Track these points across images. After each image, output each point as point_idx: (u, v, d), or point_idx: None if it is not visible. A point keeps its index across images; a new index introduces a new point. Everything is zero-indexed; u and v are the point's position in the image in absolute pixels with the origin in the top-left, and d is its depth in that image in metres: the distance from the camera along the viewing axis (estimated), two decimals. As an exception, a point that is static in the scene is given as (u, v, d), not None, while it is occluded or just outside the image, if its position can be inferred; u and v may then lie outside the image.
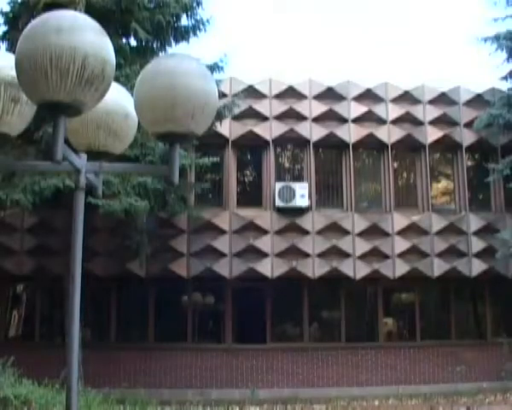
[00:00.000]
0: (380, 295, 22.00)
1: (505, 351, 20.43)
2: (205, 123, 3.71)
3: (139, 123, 3.94)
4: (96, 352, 18.59)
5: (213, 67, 18.29)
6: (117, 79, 4.09)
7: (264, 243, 20.43)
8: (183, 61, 3.64)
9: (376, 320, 21.97)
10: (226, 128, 20.46)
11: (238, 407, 17.70)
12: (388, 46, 49.35)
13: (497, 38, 22.24)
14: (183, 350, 20.38)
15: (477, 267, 21.33)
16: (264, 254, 20.35)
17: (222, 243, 20.29)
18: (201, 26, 18.86)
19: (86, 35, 3.05)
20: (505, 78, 22.65)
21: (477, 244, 21.47)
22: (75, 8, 14.15)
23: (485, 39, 22.27)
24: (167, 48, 18.80)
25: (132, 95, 3.73)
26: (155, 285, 20.56)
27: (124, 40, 18.05)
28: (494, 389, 19.72)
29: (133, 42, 18.40)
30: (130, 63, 16.28)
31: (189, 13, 18.70)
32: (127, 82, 12.87)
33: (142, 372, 19.62)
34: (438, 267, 21.16)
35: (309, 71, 43.49)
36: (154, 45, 18.63)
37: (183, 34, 18.83)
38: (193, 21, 18.89)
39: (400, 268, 20.93)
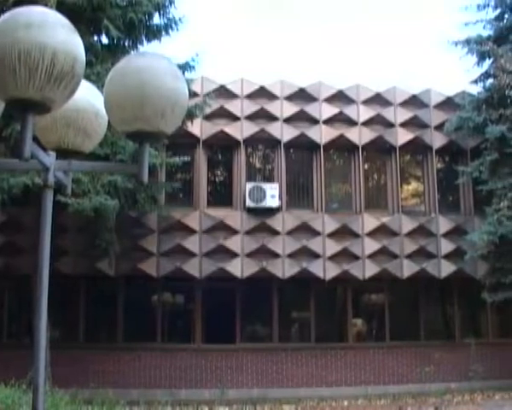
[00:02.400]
0: (349, 295, 22.08)
1: (473, 352, 20.60)
2: (175, 122, 3.68)
3: (109, 121, 3.90)
4: (64, 352, 18.44)
5: (185, 67, 18.23)
6: (88, 77, 4.06)
7: (234, 243, 20.41)
8: (153, 60, 3.61)
9: (346, 321, 22.04)
10: (197, 128, 20.41)
11: (207, 407, 17.65)
12: (360, 48, 49.55)
13: (467, 42, 22.49)
14: (152, 350, 20.30)
15: (446, 269, 21.49)
16: (234, 255, 20.33)
17: (192, 243, 20.24)
18: (174, 25, 18.77)
19: (56, 32, 3.00)
20: (475, 81, 22.89)
21: (446, 246, 21.64)
22: (46, 5, 14.03)
23: (456, 43, 22.51)
24: (139, 46, 18.67)
25: (103, 93, 3.70)
26: (124, 285, 20.49)
27: (95, 38, 17.92)
28: (462, 390, 19.92)
29: (105, 40, 18.24)
30: (101, 61, 16.19)
31: (161, 11, 18.61)
32: (98, 80, 12.80)
33: (111, 372, 19.50)
34: (407, 268, 21.29)
35: (281, 71, 43.56)
36: (126, 43, 18.51)
37: (155, 33, 18.73)
38: (165, 20, 18.80)
39: (370, 269, 21.03)
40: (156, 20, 18.79)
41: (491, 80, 22.40)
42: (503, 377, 20.97)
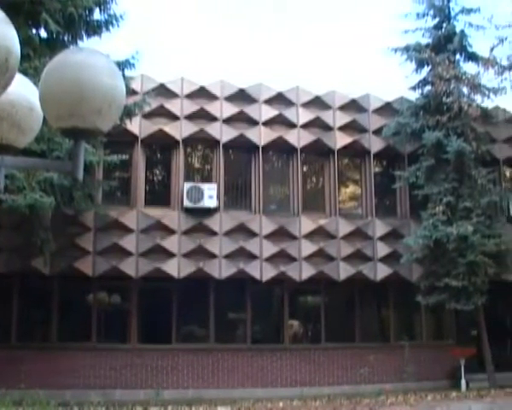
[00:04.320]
0: (286, 297, 22.15)
1: (407, 353, 20.89)
2: (111, 120, 3.63)
3: (45, 117, 3.82)
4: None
5: (125, 64, 18.07)
6: (25, 71, 3.98)
7: (171, 243, 20.30)
8: (91, 56, 3.55)
9: (282, 322, 22.12)
10: (136, 126, 20.22)
11: (142, 408, 17.54)
12: (301, 51, 49.82)
13: (406, 49, 22.90)
14: (86, 350, 20.03)
15: (382, 272, 21.75)
16: (171, 254, 20.22)
17: (128, 242, 20.06)
18: (114, 22, 18.55)
19: (-11, 23, 2.93)
20: (414, 88, 23.30)
21: (382, 249, 21.90)
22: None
23: (396, 50, 22.89)
24: (79, 41, 18.38)
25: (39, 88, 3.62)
26: (59, 283, 20.18)
27: (34, 31, 17.56)
28: (396, 391, 20.23)
29: (43, 33, 17.84)
30: (39, 55, 15.89)
31: (102, 7, 18.37)
32: (36, 74, 12.55)
33: (44, 373, 19.13)
34: (343, 271, 21.47)
35: (222, 72, 43.56)
36: (65, 38, 18.18)
37: (95, 28, 18.48)
38: (106, 16, 18.56)
39: (306, 271, 21.14)
40: (97, 15, 18.54)
41: (428, 87, 22.84)
42: (436, 378, 21.38)
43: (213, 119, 21.38)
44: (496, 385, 20.66)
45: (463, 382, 21.03)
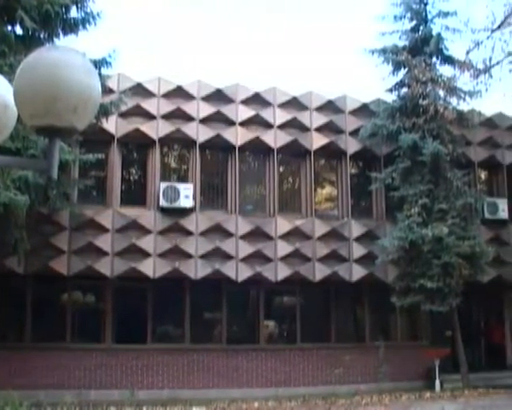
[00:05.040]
0: (261, 297, 22.16)
1: (382, 354, 20.97)
2: (87, 118, 3.60)
3: (20, 115, 3.79)
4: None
5: (101, 62, 17.96)
6: (0, 69, 3.93)
7: (146, 243, 20.22)
8: (66, 54, 3.52)
9: (257, 323, 22.11)
10: (112, 125, 20.11)
11: (116, 409, 17.45)
12: (279, 52, 49.88)
13: (383, 51, 23.00)
14: (61, 350, 19.90)
15: (357, 273, 21.83)
16: (146, 254, 20.15)
17: (104, 242, 19.96)
18: (91, 20, 18.39)
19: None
20: (390, 90, 23.42)
21: (358, 250, 21.97)
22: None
23: (373, 52, 22.95)
24: (55, 39, 18.20)
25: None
26: (34, 283, 20.03)
27: (9, 28, 17.42)
28: (371, 391, 20.30)
29: (19, 30, 17.69)
30: (15, 52, 15.77)
31: (78, 5, 18.20)
32: (11, 72, 12.45)
33: (17, 373, 18.98)
34: (319, 272, 21.51)
35: (199, 72, 43.43)
36: (42, 36, 18.00)
37: (71, 26, 18.32)
38: (82, 14, 18.39)
39: (282, 272, 21.16)
40: (73, 13, 18.34)
41: (405, 89, 22.96)
42: (410, 378, 21.50)
43: (190, 118, 21.33)
44: (469, 386, 20.81)
45: (438, 382, 21.16)
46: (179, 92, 21.37)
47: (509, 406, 17.73)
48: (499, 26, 17.83)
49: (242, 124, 21.74)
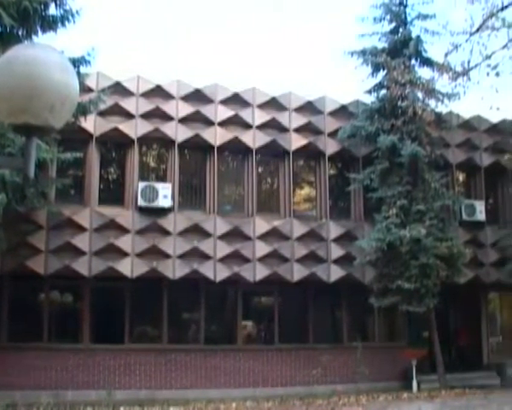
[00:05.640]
0: (240, 298, 22.15)
1: (359, 355, 21.02)
2: (64, 117, 3.58)
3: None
4: None
5: (80, 61, 17.85)
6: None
7: (124, 243, 20.14)
8: (44, 52, 3.50)
9: (235, 323, 22.10)
10: (91, 124, 20.01)
11: (92, 409, 17.38)
12: (259, 52, 49.93)
13: (363, 52, 23.06)
14: (37, 350, 19.77)
15: (335, 273, 21.88)
16: (124, 254, 20.07)
17: (82, 241, 19.85)
18: (70, 17, 18.25)
19: None
20: (369, 91, 23.48)
21: (336, 251, 22.02)
22: None
23: (352, 53, 23.01)
24: (34, 36, 18.07)
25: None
26: (10, 282, 19.90)
27: (-14, 25, 17.27)
28: (348, 391, 20.38)
29: (-3, 27, 17.61)
30: (-8, 50, 15.65)
31: (57, 2, 18.04)
32: (-12, 70, 12.36)
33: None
34: (297, 272, 21.53)
35: (178, 71, 43.40)
36: (20, 33, 17.81)
37: (50, 24, 18.16)
38: (61, 11, 18.24)
39: (260, 272, 21.16)
40: (52, 10, 18.19)
41: (384, 91, 23.02)
42: (388, 379, 21.61)
43: (169, 118, 21.28)
44: (446, 386, 20.91)
45: (415, 383, 21.27)
46: (158, 92, 21.31)
47: (485, 406, 17.80)
48: (478, 30, 17.92)
49: (221, 124, 21.71)
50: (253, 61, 47.88)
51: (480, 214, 23.52)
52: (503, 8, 17.53)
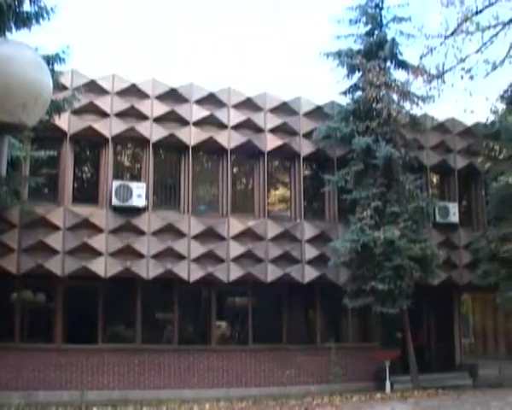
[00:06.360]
0: (213, 298, 22.12)
1: (333, 355, 21.07)
2: (37, 115, 3.54)
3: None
4: None
5: (55, 58, 17.67)
6: None
7: (98, 242, 20.02)
8: (16, 49, 3.46)
9: (209, 323, 22.07)
10: (65, 122, 19.85)
11: (64, 410, 17.29)
12: (234, 52, 49.92)
13: (338, 54, 23.14)
14: (9, 350, 19.57)
15: (309, 274, 21.92)
16: (98, 253, 19.95)
17: (55, 240, 19.70)
18: (45, 14, 18.02)
19: None
20: (345, 93, 23.58)
21: (310, 252, 22.06)
22: None
23: (328, 55, 23.07)
24: (7, 33, 17.90)
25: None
26: (-18, 281, 19.70)
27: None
28: (322, 392, 20.47)
29: (-31, 23, 17.40)
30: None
31: (32, -2, 17.92)
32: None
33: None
34: (271, 273, 21.54)
35: (154, 70, 43.24)
36: (-7, 29, 17.72)
37: (24, 20, 17.93)
38: (36, 8, 18.01)
39: (234, 272, 21.14)
40: (27, 7, 17.99)
41: (359, 93, 23.11)
42: (361, 379, 21.72)
43: (144, 117, 21.19)
44: (419, 386, 21.04)
45: (388, 383, 21.36)
46: (133, 90, 21.21)
47: (457, 406, 17.95)
48: (452, 33, 18.02)
49: (196, 124, 21.67)
50: (228, 61, 47.86)
51: (454, 216, 23.69)
52: (477, 13, 17.65)
